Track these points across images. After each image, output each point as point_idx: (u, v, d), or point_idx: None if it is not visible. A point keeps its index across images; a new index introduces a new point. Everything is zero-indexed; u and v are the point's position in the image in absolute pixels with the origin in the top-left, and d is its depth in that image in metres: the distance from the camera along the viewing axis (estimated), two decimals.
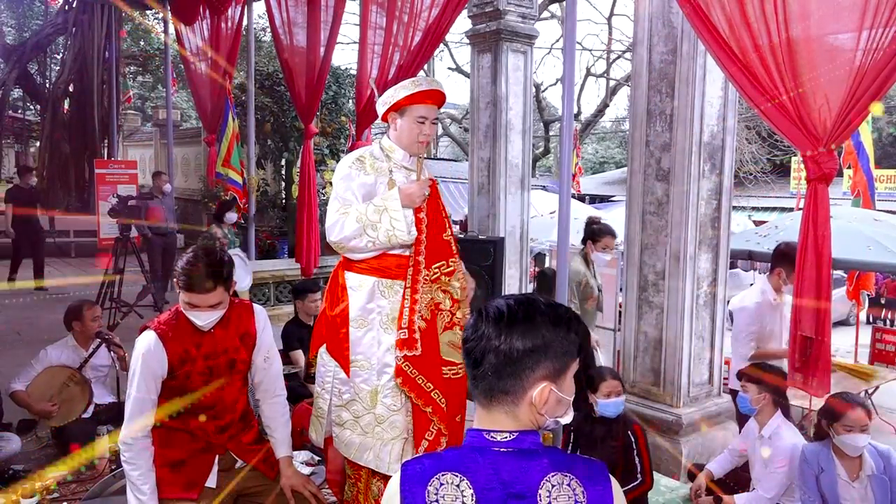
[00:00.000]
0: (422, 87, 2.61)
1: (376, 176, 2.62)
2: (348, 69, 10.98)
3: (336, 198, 2.60)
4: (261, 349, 2.54)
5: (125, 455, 2.28)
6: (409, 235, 2.51)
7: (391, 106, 2.64)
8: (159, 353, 2.27)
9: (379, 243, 2.51)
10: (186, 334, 2.33)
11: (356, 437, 2.59)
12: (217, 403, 2.42)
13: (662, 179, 4.15)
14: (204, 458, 2.43)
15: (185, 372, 2.33)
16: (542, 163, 25.47)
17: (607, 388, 3.22)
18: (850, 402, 2.83)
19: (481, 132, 6.15)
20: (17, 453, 3.71)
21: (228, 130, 8.06)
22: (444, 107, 2.85)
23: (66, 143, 13.18)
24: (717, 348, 4.35)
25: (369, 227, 2.49)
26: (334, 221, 2.53)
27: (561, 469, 1.16)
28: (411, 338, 2.49)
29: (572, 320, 1.21)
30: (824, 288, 2.64)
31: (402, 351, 2.50)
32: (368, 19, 5.11)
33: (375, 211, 2.49)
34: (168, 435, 2.38)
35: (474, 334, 1.20)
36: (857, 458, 2.84)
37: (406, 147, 2.69)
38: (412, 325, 2.50)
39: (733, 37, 2.68)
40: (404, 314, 2.52)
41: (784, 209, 15.51)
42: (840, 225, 5.82)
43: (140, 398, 2.27)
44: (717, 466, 3.53)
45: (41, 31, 14.26)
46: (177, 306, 2.36)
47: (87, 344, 4.12)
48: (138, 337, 2.32)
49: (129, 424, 2.27)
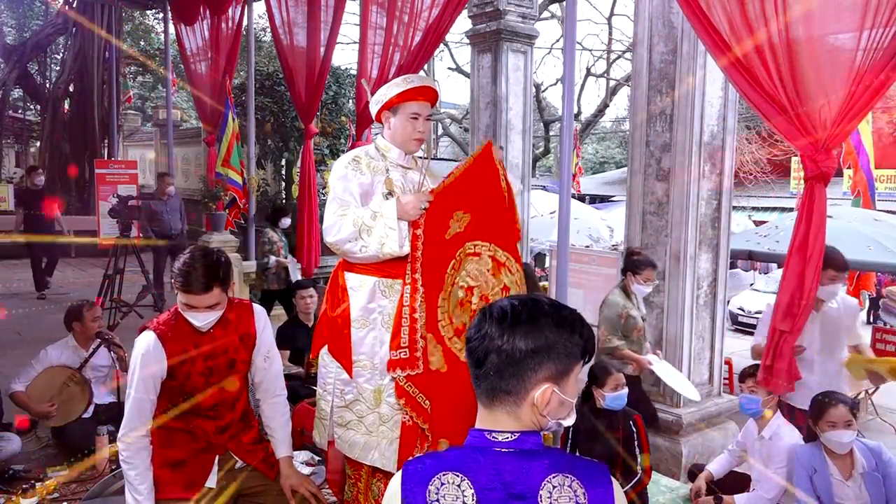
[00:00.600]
0: (413, 84, 2.62)
1: (373, 175, 2.62)
2: (348, 69, 10.96)
3: (334, 199, 2.59)
4: (261, 349, 2.54)
5: (123, 454, 2.28)
6: (401, 249, 2.46)
7: (383, 105, 2.64)
8: (158, 354, 2.27)
9: (370, 251, 2.48)
10: (185, 335, 2.33)
11: (360, 437, 2.58)
12: (218, 403, 2.42)
13: (662, 179, 4.15)
14: (204, 458, 2.43)
15: (184, 372, 2.32)
16: (542, 163, 25.45)
17: (614, 381, 3.24)
18: (831, 400, 2.85)
19: (481, 132, 6.15)
20: (17, 453, 3.70)
21: (228, 130, 8.04)
22: (444, 107, 2.86)
23: (66, 143, 13.19)
24: (717, 348, 4.35)
25: (364, 232, 2.47)
26: (332, 223, 2.52)
27: (562, 470, 1.16)
28: (412, 357, 2.46)
29: (577, 322, 1.21)
30: (807, 285, 2.66)
31: (404, 371, 2.47)
32: (368, 19, 5.11)
33: (372, 216, 2.48)
34: (168, 435, 2.38)
35: (478, 333, 1.20)
36: (849, 457, 2.84)
37: (401, 145, 2.68)
38: (414, 345, 2.46)
39: (733, 37, 2.68)
40: (402, 332, 2.47)
41: (784, 209, 15.51)
42: (840, 225, 5.83)
43: (139, 398, 2.27)
44: (716, 467, 3.53)
45: (41, 31, 14.26)
46: (175, 306, 2.35)
47: (87, 344, 4.11)
48: (137, 337, 2.32)
49: (127, 424, 2.28)
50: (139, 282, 7.27)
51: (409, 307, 2.49)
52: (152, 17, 16.37)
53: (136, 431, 2.28)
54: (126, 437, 2.27)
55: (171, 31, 9.63)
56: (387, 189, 2.63)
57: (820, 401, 2.90)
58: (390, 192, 2.62)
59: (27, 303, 8.03)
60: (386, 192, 2.62)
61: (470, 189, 2.54)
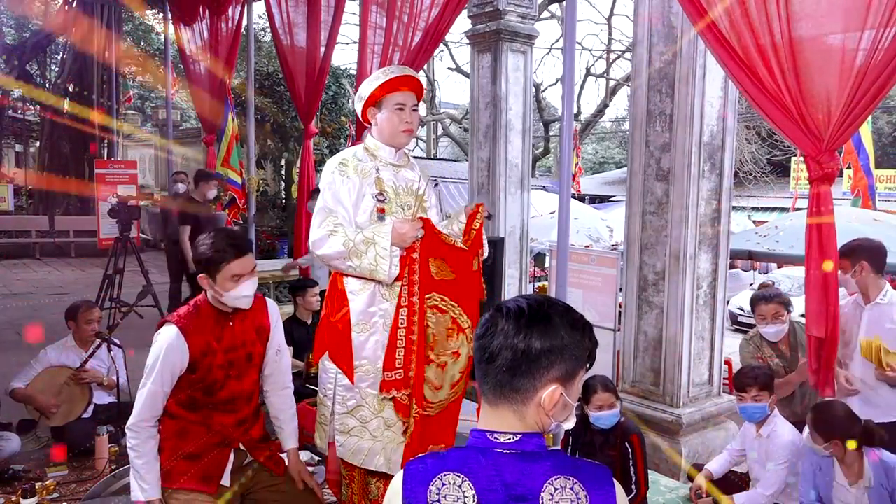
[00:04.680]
0: (394, 74, 2.58)
1: (361, 178, 2.56)
2: (348, 69, 10.98)
3: (322, 208, 2.53)
4: (273, 342, 2.58)
5: (131, 442, 2.28)
6: (388, 277, 2.44)
7: (367, 100, 2.60)
8: (181, 347, 2.28)
9: (359, 273, 2.47)
10: (207, 328, 2.35)
11: (365, 443, 2.57)
12: (236, 397, 2.45)
13: (662, 179, 4.15)
14: (220, 452, 2.44)
15: (206, 365, 2.34)
16: (542, 163, 25.43)
17: (598, 400, 3.11)
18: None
19: (481, 132, 6.15)
20: (17, 453, 3.70)
21: (228, 130, 8.05)
22: (443, 107, 2.84)
23: (66, 143, 13.19)
24: (717, 348, 4.35)
25: (354, 256, 2.44)
26: (320, 237, 2.47)
27: (564, 472, 1.15)
28: (406, 377, 2.47)
29: (587, 327, 1.22)
30: (832, 288, 2.65)
31: (399, 392, 2.49)
32: (368, 19, 5.11)
33: (364, 241, 2.43)
34: (185, 427, 2.39)
35: (491, 329, 1.20)
36: (858, 465, 2.82)
37: (390, 140, 2.63)
38: (408, 365, 2.47)
39: (735, 36, 2.68)
40: (398, 353, 2.48)
41: (784, 209, 15.52)
42: (840, 225, 5.79)
43: (154, 391, 2.28)
44: (716, 466, 3.53)
45: (41, 31, 14.25)
46: (195, 300, 2.40)
47: (86, 344, 4.12)
48: (158, 331, 2.34)
49: (138, 415, 2.28)
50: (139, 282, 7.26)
51: (405, 329, 2.48)
52: (152, 17, 16.36)
53: (145, 421, 2.29)
54: (135, 425, 2.28)
55: (171, 31, 9.63)
56: (377, 189, 2.58)
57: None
58: (381, 193, 2.58)
59: (27, 302, 8.04)
60: (376, 192, 2.58)
61: (449, 248, 2.60)
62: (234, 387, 2.42)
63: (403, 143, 2.68)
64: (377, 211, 2.57)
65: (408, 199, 2.68)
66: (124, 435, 2.35)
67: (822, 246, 2.63)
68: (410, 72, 2.66)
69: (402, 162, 2.71)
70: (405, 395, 2.50)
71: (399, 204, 2.64)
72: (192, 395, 2.35)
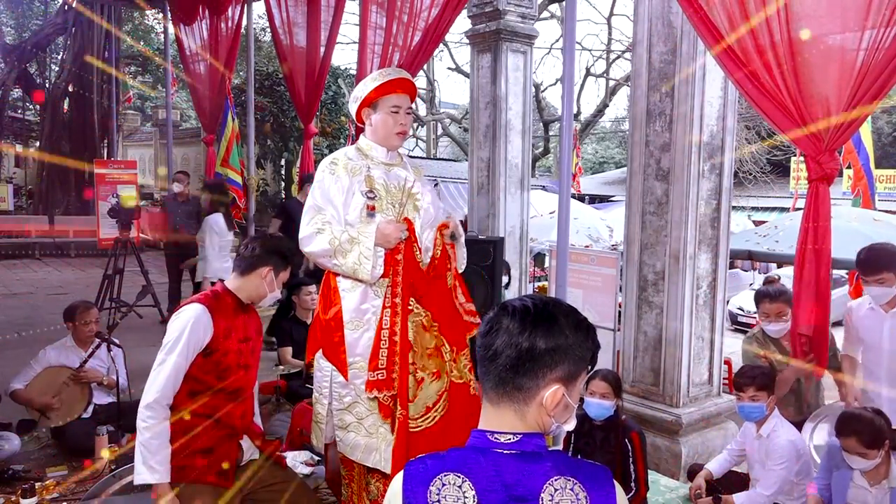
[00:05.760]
0: (389, 77, 2.61)
1: (350, 177, 2.59)
2: (348, 69, 10.98)
3: (312, 206, 2.58)
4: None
5: (147, 422, 2.24)
6: (371, 277, 2.48)
7: (362, 101, 2.63)
8: (207, 323, 2.33)
9: (343, 270, 2.52)
10: (228, 313, 2.43)
11: (361, 439, 2.58)
12: (244, 386, 2.50)
13: (662, 179, 4.15)
14: (230, 443, 2.47)
15: (223, 348, 2.37)
16: (542, 163, 25.44)
17: (594, 387, 3.15)
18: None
19: (481, 132, 6.15)
20: (17, 453, 3.70)
21: (228, 130, 8.05)
22: (443, 107, 2.85)
23: (66, 143, 13.20)
24: (717, 348, 4.35)
25: (339, 254, 2.49)
26: (308, 234, 2.54)
27: (564, 473, 1.15)
28: (389, 378, 2.49)
29: (591, 329, 1.22)
30: (822, 288, 2.65)
31: (381, 392, 2.49)
32: (368, 19, 5.12)
33: (349, 241, 2.49)
34: (193, 423, 2.38)
35: (496, 327, 1.20)
36: (884, 467, 2.77)
37: (383, 141, 2.66)
38: (392, 366, 2.48)
39: (735, 36, 2.68)
40: (381, 353, 2.49)
41: (784, 209, 15.52)
42: (840, 225, 5.81)
43: (179, 364, 2.27)
44: (716, 466, 3.53)
45: (41, 31, 14.26)
46: (213, 289, 2.48)
47: (85, 345, 4.12)
48: (181, 308, 2.37)
49: (160, 390, 2.25)
50: (139, 282, 7.27)
51: (388, 330, 2.51)
52: (152, 17, 16.37)
53: (166, 399, 2.27)
54: (156, 402, 2.24)
55: (170, 31, 9.63)
56: (367, 187, 2.60)
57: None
58: (371, 190, 2.60)
59: (27, 303, 8.04)
60: (366, 189, 2.59)
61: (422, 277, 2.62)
62: (241, 376, 2.47)
63: (397, 145, 2.71)
64: (367, 208, 2.58)
65: (399, 196, 2.70)
66: (124, 435, 2.35)
67: (816, 245, 2.63)
68: (406, 74, 2.68)
69: (394, 161, 2.73)
70: (387, 397, 2.50)
71: (389, 201, 2.66)
72: (205, 378, 2.35)
